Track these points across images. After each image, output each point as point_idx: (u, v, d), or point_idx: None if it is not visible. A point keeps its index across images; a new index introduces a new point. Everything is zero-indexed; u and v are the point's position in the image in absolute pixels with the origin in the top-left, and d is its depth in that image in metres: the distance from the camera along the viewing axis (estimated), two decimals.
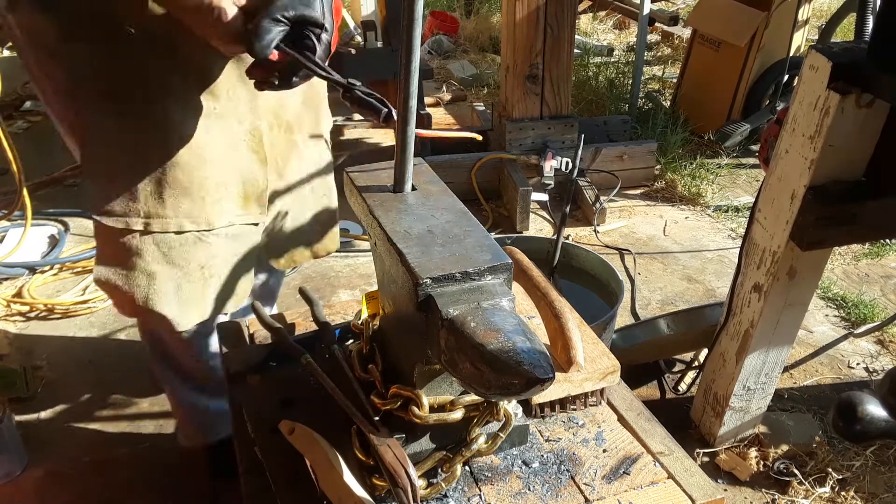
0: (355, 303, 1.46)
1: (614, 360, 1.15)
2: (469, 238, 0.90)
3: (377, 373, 1.03)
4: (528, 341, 0.76)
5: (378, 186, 1.01)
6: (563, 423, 1.13)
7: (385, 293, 1.03)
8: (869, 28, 1.56)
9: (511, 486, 1.01)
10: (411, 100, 0.92)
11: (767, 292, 1.67)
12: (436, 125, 3.51)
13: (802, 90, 1.48)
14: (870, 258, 2.93)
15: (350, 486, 0.93)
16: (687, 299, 2.65)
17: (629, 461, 1.07)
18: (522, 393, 0.76)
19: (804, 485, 1.82)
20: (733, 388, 1.84)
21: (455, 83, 4.76)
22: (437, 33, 5.44)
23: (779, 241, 1.61)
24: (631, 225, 3.18)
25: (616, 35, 5.78)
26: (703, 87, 3.92)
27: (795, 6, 3.42)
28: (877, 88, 1.36)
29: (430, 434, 0.99)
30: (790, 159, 1.54)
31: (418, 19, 0.86)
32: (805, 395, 2.18)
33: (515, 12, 3.00)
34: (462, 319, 0.80)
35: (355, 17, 3.44)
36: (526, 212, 3.06)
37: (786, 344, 1.82)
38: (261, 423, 1.11)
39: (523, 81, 3.16)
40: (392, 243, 0.88)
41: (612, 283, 2.12)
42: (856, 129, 1.43)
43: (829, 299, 2.65)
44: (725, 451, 1.94)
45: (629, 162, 3.44)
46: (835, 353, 2.34)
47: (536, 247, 2.24)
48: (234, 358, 1.25)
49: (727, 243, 3.03)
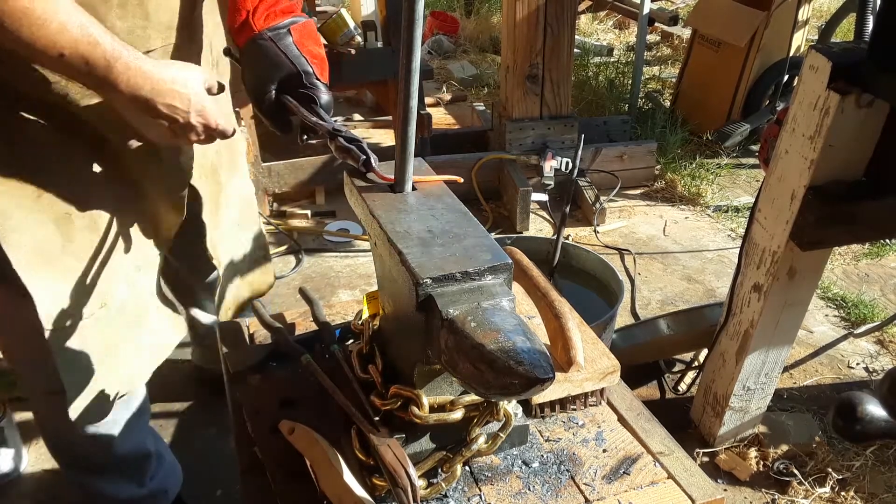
0: (355, 303, 1.46)
1: (614, 361, 1.15)
2: (469, 238, 0.90)
3: (377, 373, 1.03)
4: (528, 341, 0.76)
5: (378, 186, 1.01)
6: (563, 423, 1.13)
7: (385, 293, 1.03)
8: (869, 28, 1.56)
9: (511, 486, 1.01)
10: (411, 100, 0.92)
11: (767, 292, 1.67)
12: (436, 125, 3.51)
13: (802, 90, 1.48)
14: (870, 258, 2.93)
15: (350, 486, 0.93)
16: (687, 299, 2.65)
17: (629, 461, 1.07)
18: (522, 393, 0.76)
19: (804, 485, 1.82)
20: (733, 388, 1.84)
21: (455, 83, 4.76)
22: (437, 33, 5.44)
23: (779, 241, 1.61)
24: (631, 225, 3.18)
25: (616, 35, 5.78)
26: (702, 87, 3.92)
27: (795, 6, 3.42)
28: (877, 89, 1.36)
29: (430, 434, 0.99)
30: (790, 159, 1.54)
31: (419, 19, 0.86)
32: (805, 395, 2.18)
33: (515, 12, 3.00)
34: (462, 319, 0.80)
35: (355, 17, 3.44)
36: (526, 212, 3.06)
37: (786, 344, 1.82)
38: (261, 423, 1.11)
39: (523, 81, 3.16)
40: (392, 243, 0.88)
41: (612, 284, 2.12)
42: (856, 130, 1.43)
43: (828, 299, 2.65)
44: (725, 451, 1.94)
45: (629, 162, 3.44)
46: (834, 353, 2.34)
47: (536, 247, 2.24)
48: (234, 358, 1.25)
49: (727, 243, 3.03)
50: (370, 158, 1.01)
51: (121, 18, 1.06)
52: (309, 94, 1.16)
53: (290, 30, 1.17)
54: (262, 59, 1.16)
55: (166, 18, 1.13)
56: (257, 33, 1.16)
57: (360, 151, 1.02)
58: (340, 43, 2.97)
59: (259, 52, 1.16)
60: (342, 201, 2.84)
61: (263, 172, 3.04)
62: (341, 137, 1.05)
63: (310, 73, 1.17)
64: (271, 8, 1.17)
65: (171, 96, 1.01)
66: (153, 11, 1.10)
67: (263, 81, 1.17)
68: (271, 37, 1.16)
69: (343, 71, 2.99)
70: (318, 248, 2.97)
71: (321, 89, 1.18)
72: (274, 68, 1.16)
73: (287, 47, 1.17)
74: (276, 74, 1.16)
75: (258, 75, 1.18)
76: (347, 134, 1.06)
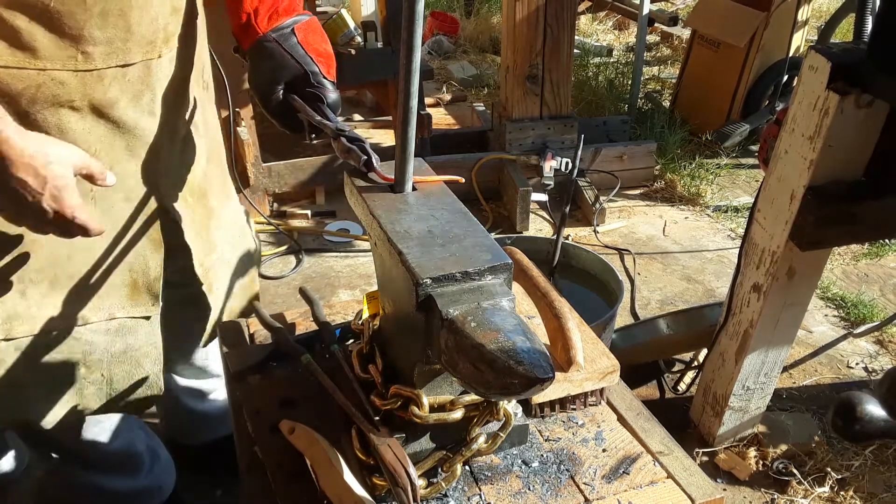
0: (355, 303, 1.46)
1: (614, 360, 1.16)
2: (469, 238, 0.90)
3: (377, 373, 1.04)
4: (528, 341, 0.76)
5: (378, 186, 1.01)
6: (563, 423, 1.13)
7: (385, 293, 1.03)
8: (868, 28, 1.57)
9: (511, 485, 1.02)
10: (412, 100, 0.92)
11: (767, 292, 1.67)
12: (436, 125, 3.51)
13: (802, 90, 1.48)
14: (869, 258, 2.93)
15: (350, 486, 0.93)
16: (686, 299, 2.65)
17: (629, 461, 1.07)
18: (522, 393, 0.76)
19: (803, 484, 1.82)
20: (732, 387, 1.84)
21: (455, 83, 4.76)
22: (437, 34, 5.43)
23: (778, 241, 1.61)
24: (630, 225, 3.18)
25: (616, 35, 5.78)
26: (702, 87, 3.92)
27: (795, 6, 3.42)
28: (876, 89, 1.37)
29: (431, 434, 0.99)
30: (789, 159, 1.54)
31: (419, 19, 0.86)
32: (804, 395, 2.18)
33: (515, 13, 3.01)
34: (462, 319, 0.80)
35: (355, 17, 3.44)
36: (526, 212, 3.06)
37: (785, 344, 1.82)
38: (261, 423, 1.11)
39: (523, 82, 3.16)
40: (392, 243, 0.88)
41: (612, 284, 2.12)
42: (855, 130, 1.43)
43: (828, 299, 2.65)
44: (725, 451, 1.94)
45: (629, 162, 3.44)
46: (834, 353, 2.34)
47: (536, 247, 2.24)
48: (234, 358, 1.25)
49: (727, 243, 3.03)
50: (371, 159, 1.01)
51: (100, 28, 1.02)
52: (316, 94, 1.17)
53: (294, 29, 1.17)
54: (268, 62, 1.16)
55: (149, 33, 1.09)
56: (262, 36, 1.16)
57: (362, 152, 1.02)
58: (340, 43, 2.97)
59: (265, 55, 1.16)
60: (342, 201, 2.85)
61: (263, 172, 3.04)
62: (344, 137, 1.05)
63: (316, 73, 1.18)
64: (273, 8, 1.17)
65: (24, 170, 0.91)
66: (135, 24, 1.06)
67: (270, 83, 1.17)
68: (276, 38, 1.16)
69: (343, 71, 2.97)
70: (318, 248, 2.97)
71: (328, 88, 1.19)
72: (280, 70, 1.16)
73: (293, 48, 1.17)
74: (282, 76, 1.17)
75: (265, 78, 1.18)
76: (351, 134, 1.06)
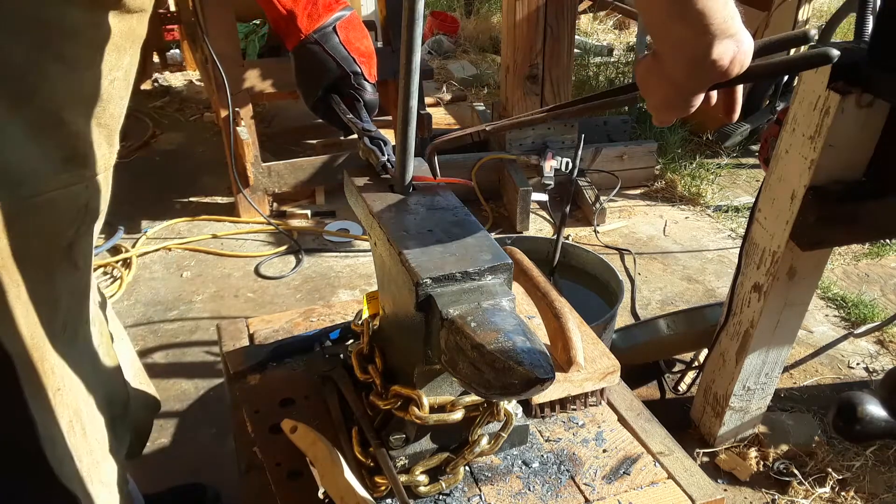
0: (355, 303, 1.46)
1: (614, 360, 1.16)
2: (469, 238, 0.90)
3: (377, 373, 1.03)
4: (528, 341, 0.76)
5: (378, 186, 1.01)
6: (563, 424, 1.13)
7: (385, 293, 1.03)
8: (869, 28, 1.56)
9: (511, 486, 1.01)
10: (411, 100, 0.92)
11: (767, 292, 1.67)
12: (436, 125, 3.51)
13: (802, 90, 1.48)
14: (870, 258, 2.93)
15: (352, 485, 0.93)
16: (687, 299, 2.65)
17: (629, 461, 1.07)
18: (522, 393, 0.76)
19: (804, 485, 1.82)
20: (733, 388, 1.84)
21: (455, 83, 4.76)
22: (437, 33, 5.43)
23: (779, 241, 1.61)
24: (631, 225, 3.18)
25: (616, 35, 5.78)
26: None
27: (795, 6, 3.42)
28: (877, 88, 1.36)
29: (431, 434, 0.99)
30: (790, 159, 1.54)
31: (419, 19, 0.86)
32: (805, 395, 2.18)
33: (515, 12, 3.00)
34: (462, 319, 0.80)
35: None
36: (526, 212, 3.06)
37: (786, 344, 1.82)
38: (261, 423, 1.11)
39: (523, 81, 3.16)
40: (392, 243, 0.88)
41: (612, 284, 2.12)
42: (856, 129, 1.43)
43: (829, 299, 2.65)
44: (725, 451, 1.94)
45: (629, 162, 3.44)
46: (835, 354, 2.34)
47: (536, 247, 2.23)
48: (234, 358, 1.25)
49: (727, 243, 3.03)
50: (388, 162, 1.05)
51: None
52: (354, 94, 1.19)
53: (335, 28, 1.16)
54: (311, 63, 1.17)
55: None
56: (305, 37, 1.15)
57: (381, 153, 1.06)
58: None
59: (308, 57, 1.17)
60: (342, 201, 2.84)
61: (263, 172, 3.04)
62: (367, 138, 1.09)
63: (358, 74, 1.18)
64: (312, 5, 1.15)
65: None
66: None
67: (313, 85, 1.18)
68: (318, 39, 1.16)
69: None
70: (318, 248, 2.97)
71: (367, 90, 1.21)
72: (323, 73, 1.17)
73: (335, 48, 1.16)
74: (325, 79, 1.17)
75: (308, 79, 1.19)
76: (375, 134, 1.09)
